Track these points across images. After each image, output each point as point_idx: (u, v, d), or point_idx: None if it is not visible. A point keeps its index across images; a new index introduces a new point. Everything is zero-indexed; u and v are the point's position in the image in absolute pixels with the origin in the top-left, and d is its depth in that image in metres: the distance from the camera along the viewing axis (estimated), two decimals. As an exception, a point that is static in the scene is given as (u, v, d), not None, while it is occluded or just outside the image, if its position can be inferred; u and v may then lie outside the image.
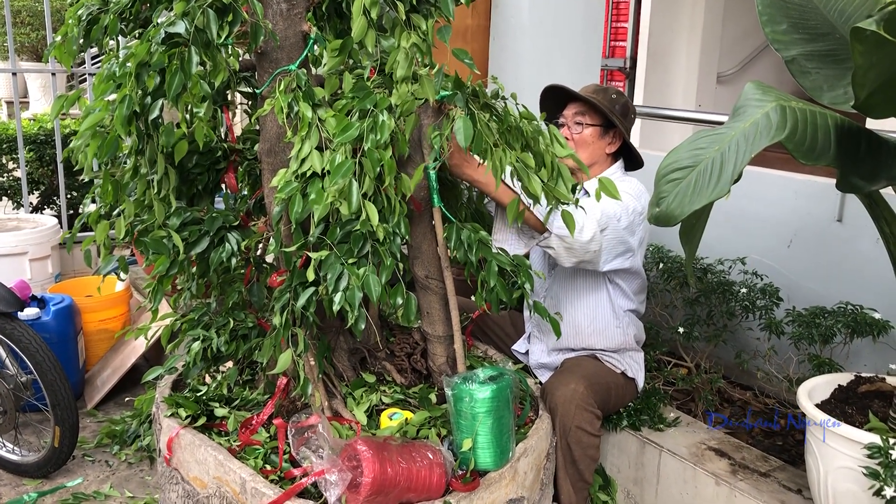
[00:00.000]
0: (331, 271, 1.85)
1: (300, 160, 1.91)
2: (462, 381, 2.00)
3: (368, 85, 1.94)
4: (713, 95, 5.24)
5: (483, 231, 2.06)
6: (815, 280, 2.94)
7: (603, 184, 1.86)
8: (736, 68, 5.46)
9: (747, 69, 5.60)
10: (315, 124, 1.92)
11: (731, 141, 1.68)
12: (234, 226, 2.10)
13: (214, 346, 2.20)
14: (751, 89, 1.78)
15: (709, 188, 1.65)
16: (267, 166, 2.14)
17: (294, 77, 1.95)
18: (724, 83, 5.43)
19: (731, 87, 5.49)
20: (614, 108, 2.53)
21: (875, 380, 2.23)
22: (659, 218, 1.72)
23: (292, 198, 1.89)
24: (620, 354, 2.60)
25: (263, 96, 2.09)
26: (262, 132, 2.12)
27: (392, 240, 1.92)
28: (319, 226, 1.94)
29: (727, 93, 5.42)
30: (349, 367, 2.30)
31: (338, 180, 1.77)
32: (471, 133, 1.78)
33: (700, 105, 5.07)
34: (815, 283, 2.94)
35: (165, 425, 2.19)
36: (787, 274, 2.99)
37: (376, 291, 1.83)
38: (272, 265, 2.29)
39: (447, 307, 2.27)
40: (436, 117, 2.08)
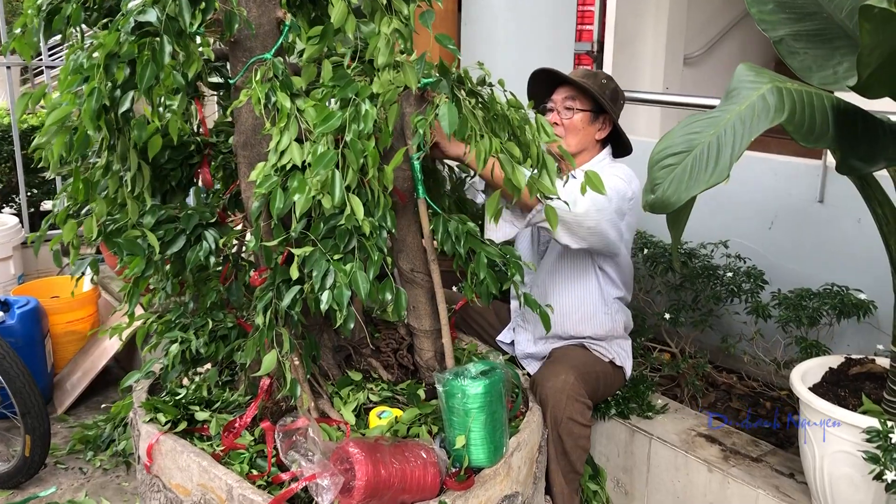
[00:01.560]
0: (316, 268, 1.78)
1: (279, 153, 1.84)
2: (454, 377, 1.94)
3: (349, 73, 1.87)
4: (680, 77, 5.24)
5: (471, 222, 2.00)
6: (797, 261, 2.93)
7: (589, 177, 1.81)
8: (702, 50, 5.47)
9: (713, 51, 5.62)
10: (294, 115, 1.85)
11: (728, 124, 1.63)
12: (211, 223, 2.01)
13: (193, 349, 2.11)
14: (743, 71, 1.74)
15: (706, 173, 1.61)
16: (243, 160, 2.06)
17: (270, 66, 1.87)
18: (690, 65, 5.44)
19: (697, 68, 5.50)
20: (605, 94, 2.48)
21: (865, 361, 2.22)
22: (654, 205, 1.68)
23: (273, 192, 1.82)
24: (608, 342, 2.56)
25: (237, 87, 2.00)
26: (237, 124, 2.03)
27: (378, 234, 1.85)
28: (302, 221, 1.87)
29: (694, 75, 5.42)
30: (334, 365, 2.23)
31: (320, 171, 1.70)
32: (455, 120, 1.72)
33: (667, 88, 5.07)
34: (796, 264, 2.93)
35: (144, 431, 2.10)
36: (769, 256, 2.98)
37: (365, 288, 1.76)
38: (250, 262, 2.21)
39: (434, 301, 2.22)
40: (419, 106, 2.02)
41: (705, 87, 5.47)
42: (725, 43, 5.64)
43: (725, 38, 5.61)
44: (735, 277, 2.68)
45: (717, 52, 5.63)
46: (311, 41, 1.87)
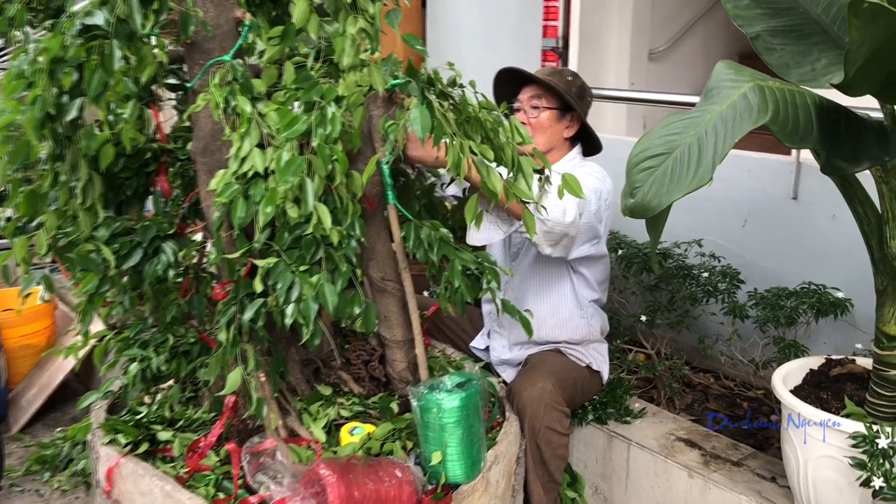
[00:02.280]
0: (281, 280, 1.69)
1: (240, 159, 1.74)
2: (428, 391, 1.87)
3: (312, 74, 1.78)
4: (645, 73, 5.23)
5: (444, 228, 1.93)
6: (772, 259, 2.89)
7: (566, 181, 1.74)
8: (667, 45, 5.47)
9: (677, 46, 5.62)
10: (255, 119, 1.75)
11: (708, 125, 1.58)
12: (170, 234, 1.91)
13: (154, 367, 2.01)
14: (722, 69, 1.68)
15: (688, 176, 1.55)
16: (202, 167, 1.96)
17: (229, 68, 1.78)
18: (655, 60, 5.43)
19: (662, 63, 5.48)
20: (571, 91, 2.42)
21: (845, 362, 2.18)
22: (634, 210, 1.61)
23: (234, 201, 1.72)
24: (585, 347, 2.50)
25: (195, 90, 1.90)
26: (196, 130, 1.93)
27: (347, 243, 1.76)
28: (265, 230, 1.78)
29: (659, 70, 5.40)
30: (302, 379, 2.14)
31: (287, 179, 1.61)
32: (428, 123, 1.64)
33: (633, 83, 5.06)
34: (771, 262, 2.90)
35: (103, 454, 2.00)
36: (743, 254, 2.94)
37: (332, 302, 1.68)
38: (212, 274, 2.11)
39: (405, 310, 2.14)
40: (386, 108, 1.93)
41: (671, 83, 5.46)
42: (689, 38, 5.64)
43: (689, 33, 5.61)
44: (711, 277, 2.63)
45: (681, 46, 5.63)
46: (271, 42, 1.77)
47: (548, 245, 2.13)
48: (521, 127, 1.72)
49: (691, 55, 5.80)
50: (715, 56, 6.13)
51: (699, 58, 5.92)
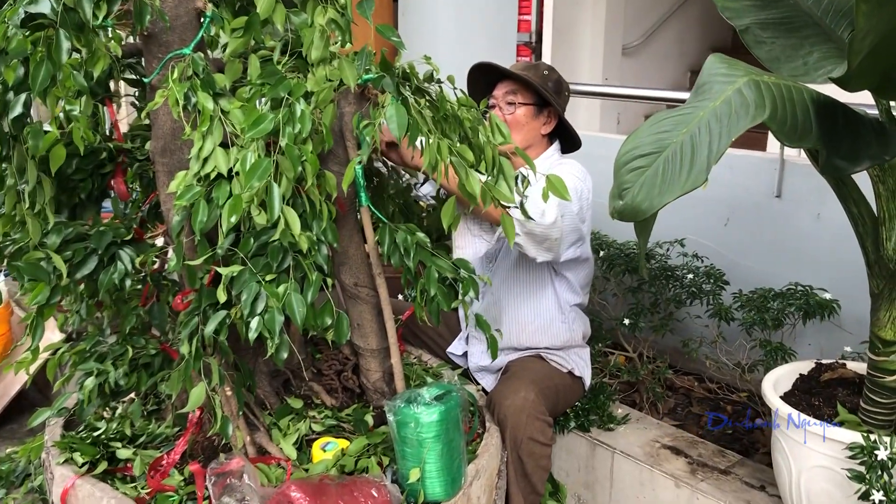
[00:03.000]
0: (245, 291, 1.57)
1: (201, 160, 1.63)
2: (405, 404, 1.76)
3: (279, 69, 1.67)
4: (619, 68, 5.19)
5: (420, 233, 1.82)
6: (755, 259, 2.82)
7: (552, 183, 1.64)
8: (640, 40, 5.44)
9: (651, 40, 5.59)
10: (217, 117, 1.64)
11: (701, 122, 1.49)
12: (127, 240, 1.79)
13: (112, 381, 1.88)
14: (714, 63, 1.59)
15: (681, 177, 1.45)
16: (162, 168, 1.83)
17: (189, 62, 1.66)
18: (629, 55, 5.41)
19: (635, 58, 5.44)
20: (547, 85, 2.32)
21: (836, 367, 2.11)
22: (623, 212, 1.52)
23: (195, 205, 1.61)
24: (566, 352, 2.41)
25: (153, 86, 1.78)
26: (154, 128, 1.81)
27: (317, 250, 1.65)
28: (229, 236, 1.66)
29: (633, 65, 5.35)
30: (271, 392, 2.03)
31: (253, 183, 1.49)
32: (405, 121, 1.53)
33: (606, 78, 5.01)
34: (754, 262, 2.83)
35: (58, 474, 1.87)
36: (725, 253, 2.87)
37: (301, 313, 1.56)
38: (174, 282, 1.99)
39: (380, 317, 2.03)
40: (359, 104, 1.82)
41: (644, 78, 5.42)
42: (663, 32, 5.62)
43: (663, 28, 5.59)
44: (696, 279, 2.55)
45: (655, 41, 5.61)
46: (235, 34, 1.66)
47: (532, 248, 2.04)
48: (503, 125, 1.62)
49: (665, 50, 5.77)
50: (689, 51, 6.11)
51: (673, 53, 5.90)
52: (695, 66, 6.02)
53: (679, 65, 6.01)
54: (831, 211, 2.62)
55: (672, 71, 5.89)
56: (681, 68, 6.04)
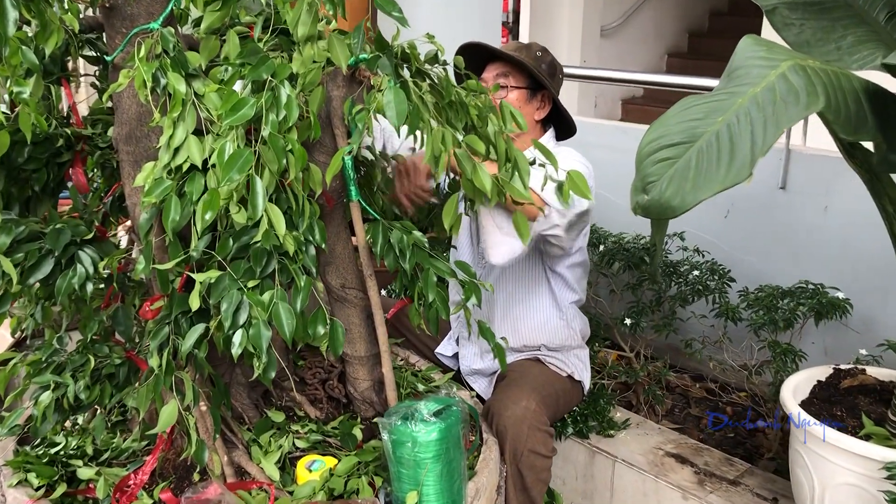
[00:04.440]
0: (226, 300, 1.39)
1: (172, 150, 1.44)
2: (402, 422, 1.59)
3: (260, 47, 1.47)
4: (598, 49, 5.09)
5: (417, 231, 1.64)
6: (756, 253, 2.69)
7: (573, 179, 1.47)
8: (619, 21, 5.37)
9: (630, 22, 5.51)
10: (191, 101, 1.44)
11: (740, 110, 1.33)
12: (88, 239, 1.59)
13: (71, 395, 1.69)
14: (750, 46, 1.43)
15: (719, 171, 1.29)
16: (126, 157, 1.63)
17: (158, 38, 1.46)
18: (607, 36, 5.34)
19: (614, 40, 5.34)
20: (540, 67, 2.16)
21: (856, 372, 1.99)
22: (649, 208, 1.36)
23: (166, 201, 1.42)
24: (565, 354, 2.25)
25: (116, 65, 1.58)
26: (118, 112, 1.61)
27: (304, 251, 1.47)
28: (205, 236, 1.47)
29: (611, 46, 5.24)
30: (250, 405, 1.84)
31: (232, 176, 1.30)
32: (405, 108, 1.35)
33: (585, 60, 4.91)
34: (755, 257, 2.70)
35: (11, 498, 1.67)
36: (726, 247, 2.73)
37: (289, 325, 1.38)
38: (141, 283, 1.79)
39: (369, 321, 1.86)
40: (348, 88, 1.63)
41: (622, 60, 5.31)
42: (641, 14, 5.54)
43: (642, 9, 5.50)
44: (701, 276, 2.41)
45: (633, 23, 5.54)
46: (210, 6, 1.46)
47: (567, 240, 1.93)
48: (517, 113, 1.44)
49: (643, 32, 5.70)
50: (666, 34, 6.01)
51: (651, 34, 5.81)
52: (671, 48, 5.94)
53: (656, 46, 5.93)
54: (839, 204, 2.49)
55: (649, 54, 5.80)
56: (658, 51, 5.95)
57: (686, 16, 6.03)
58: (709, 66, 5.52)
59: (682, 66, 5.79)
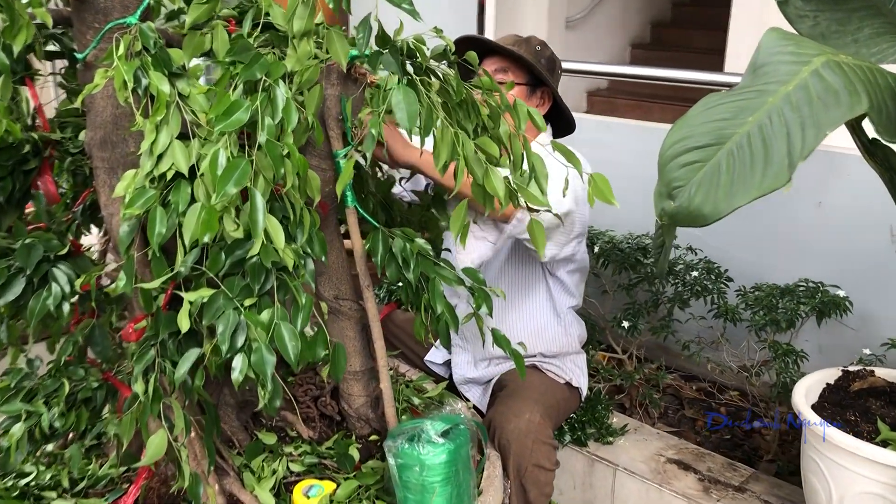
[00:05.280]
0: (222, 321, 1.27)
1: (155, 156, 1.31)
2: (408, 444, 1.49)
3: (251, 43, 1.35)
4: (563, 41, 5.03)
5: (420, 239, 1.54)
6: (748, 249, 2.63)
7: (596, 183, 1.38)
8: (584, 12, 5.33)
9: (595, 13, 5.47)
10: (175, 103, 1.32)
11: (772, 110, 1.24)
12: (62, 255, 1.45)
13: (45, 424, 1.55)
14: (775, 40, 1.34)
15: (754, 176, 1.21)
16: (101, 163, 1.50)
17: (137, 34, 1.33)
18: (572, 28, 5.29)
19: (579, 31, 5.29)
20: (540, 62, 2.06)
21: (864, 374, 1.93)
22: (677, 216, 1.27)
23: (150, 213, 1.29)
24: (562, 360, 2.17)
25: (89, 63, 1.44)
26: (90, 115, 1.47)
27: (304, 265, 1.36)
28: (193, 251, 1.35)
29: (576, 38, 5.18)
30: (239, 427, 1.72)
31: (228, 190, 1.18)
32: (415, 110, 1.24)
33: (550, 52, 4.83)
34: (747, 254, 2.64)
35: (-21, 537, 1.54)
36: (716, 245, 2.67)
37: (293, 348, 1.27)
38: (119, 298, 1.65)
39: (364, 334, 1.75)
40: (343, 86, 1.52)
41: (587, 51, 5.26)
42: (606, 4, 5.50)
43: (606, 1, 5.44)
44: (700, 277, 2.34)
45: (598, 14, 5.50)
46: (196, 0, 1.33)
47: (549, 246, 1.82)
48: (536, 113, 1.34)
49: (607, 23, 5.67)
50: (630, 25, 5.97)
51: (616, 26, 5.79)
52: (635, 39, 5.92)
53: (622, 38, 5.90)
54: (834, 199, 2.44)
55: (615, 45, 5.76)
56: (622, 42, 5.92)
57: (649, 6, 5.99)
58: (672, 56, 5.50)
59: (645, 56, 5.77)
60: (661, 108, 5.30)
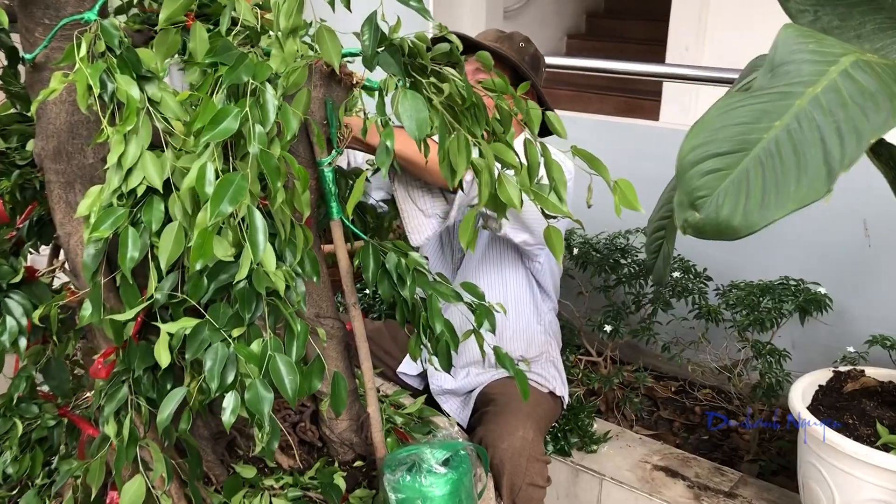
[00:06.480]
0: (209, 356, 1.12)
1: (124, 170, 1.16)
2: (409, 475, 1.38)
3: (232, 42, 1.21)
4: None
5: (414, 252, 1.42)
6: (720, 246, 2.59)
7: (621, 190, 1.28)
8: (521, 2, 5.31)
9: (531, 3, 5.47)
10: (145, 109, 1.17)
11: (800, 114, 1.16)
12: (15, 283, 1.28)
13: (-2, 470, 1.38)
14: (793, 37, 1.27)
15: (787, 186, 1.13)
16: (55, 176, 1.33)
17: (98, 32, 1.17)
18: (510, 18, 5.28)
19: (516, 22, 5.28)
20: (524, 60, 1.96)
21: (856, 374, 1.90)
22: (704, 229, 1.17)
23: (121, 234, 1.14)
24: (543, 366, 2.07)
25: (38, 65, 1.27)
26: (41, 122, 1.30)
27: (296, 287, 1.23)
28: (171, 276, 1.20)
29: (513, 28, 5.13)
30: (215, 460, 1.57)
31: (223, 209, 1.04)
32: (425, 117, 1.12)
33: (488, 43, 4.78)
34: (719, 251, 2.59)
35: None
36: (689, 244, 2.62)
37: (292, 383, 1.14)
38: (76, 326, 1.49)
39: (346, 353, 1.63)
40: (327, 88, 1.39)
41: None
42: None
43: (542, -8, 5.45)
44: (681, 277, 2.28)
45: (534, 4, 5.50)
46: (169, -7, 1.18)
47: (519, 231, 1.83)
48: (556, 119, 1.23)
49: (543, 13, 5.67)
50: (566, 14, 5.96)
51: (551, 16, 5.79)
52: (570, 29, 5.91)
53: (556, 29, 5.89)
54: (806, 194, 2.41)
55: (550, 35, 5.76)
56: (558, 33, 5.91)
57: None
58: (606, 46, 5.51)
59: (581, 47, 5.78)
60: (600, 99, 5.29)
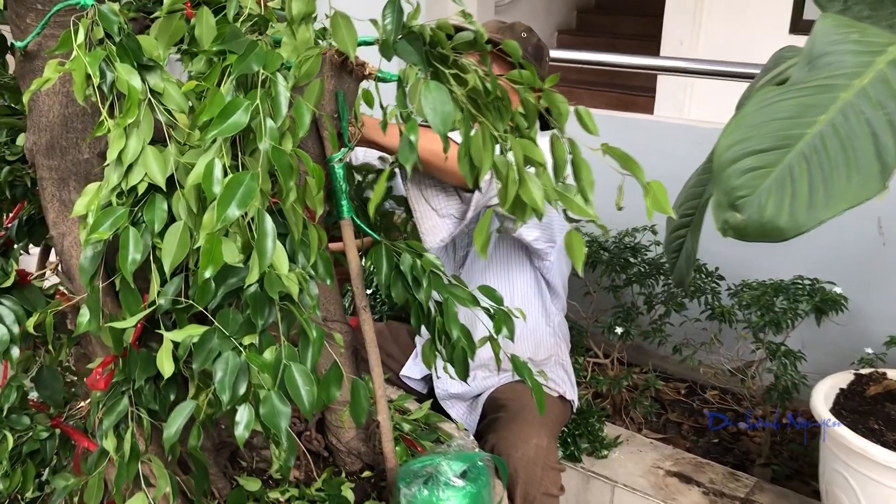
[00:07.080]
0: (219, 366, 1.04)
1: (125, 166, 1.08)
2: (426, 489, 1.31)
3: (240, 29, 1.13)
4: None
5: (429, 254, 1.34)
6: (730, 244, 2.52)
7: (654, 192, 1.21)
8: None
9: None
10: (147, 101, 1.09)
11: (847, 108, 1.10)
12: (6, 288, 1.20)
13: (-13, 487, 1.30)
14: (832, 27, 1.20)
15: (836, 182, 1.06)
16: (48, 173, 1.25)
17: (96, 18, 1.09)
18: (501, 13, 5.24)
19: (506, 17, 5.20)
20: (527, 51, 1.89)
21: (878, 377, 1.85)
22: (746, 231, 1.10)
23: (122, 235, 1.06)
24: (552, 369, 2.01)
25: (30, 53, 1.19)
26: (33, 115, 1.22)
27: (309, 291, 1.15)
28: (175, 280, 1.12)
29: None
30: (218, 473, 1.49)
31: (231, 213, 0.96)
32: (450, 111, 1.04)
33: (480, 38, 4.76)
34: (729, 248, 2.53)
35: None
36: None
37: (309, 395, 1.07)
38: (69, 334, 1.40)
39: (354, 358, 1.55)
40: (338, 79, 1.31)
41: (517, 37, 5.20)
42: None
43: (535, -16, 5.42)
44: (694, 277, 2.22)
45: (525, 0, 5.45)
46: (172, -25, 1.10)
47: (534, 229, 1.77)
48: (587, 115, 1.16)
49: (533, 9, 5.64)
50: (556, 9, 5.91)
51: (541, 12, 5.76)
52: (561, 25, 5.88)
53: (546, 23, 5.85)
54: (817, 190, 2.35)
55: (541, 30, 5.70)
56: (548, 29, 5.87)
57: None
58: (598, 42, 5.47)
59: (571, 42, 5.76)
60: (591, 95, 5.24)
